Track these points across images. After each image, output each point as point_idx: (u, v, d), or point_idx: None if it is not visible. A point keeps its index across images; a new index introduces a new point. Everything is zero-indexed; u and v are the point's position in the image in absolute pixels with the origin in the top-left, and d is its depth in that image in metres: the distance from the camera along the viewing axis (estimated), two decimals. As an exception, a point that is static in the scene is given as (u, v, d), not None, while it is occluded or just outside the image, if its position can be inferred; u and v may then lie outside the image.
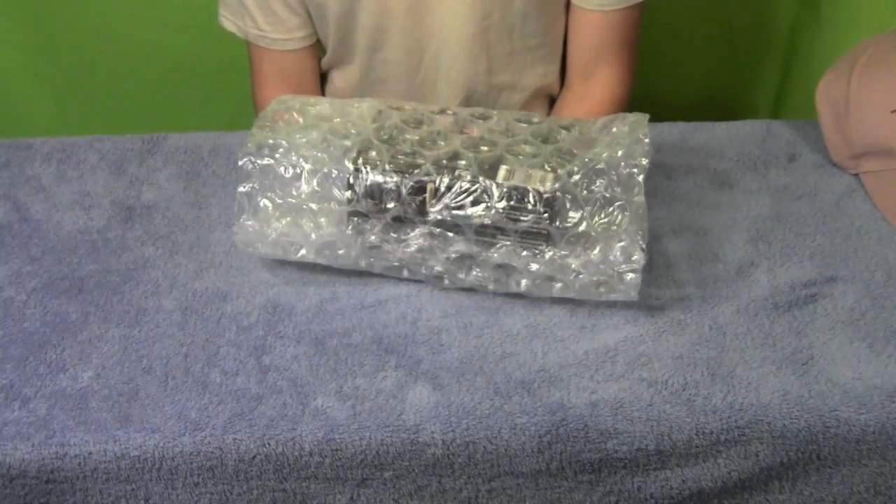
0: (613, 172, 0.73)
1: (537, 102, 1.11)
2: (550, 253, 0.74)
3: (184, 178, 0.93)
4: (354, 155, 0.76)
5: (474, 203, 0.73)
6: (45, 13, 1.42)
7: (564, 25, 1.05)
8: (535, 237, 0.74)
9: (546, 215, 0.73)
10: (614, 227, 0.73)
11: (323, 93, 1.12)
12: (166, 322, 0.77)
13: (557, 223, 0.73)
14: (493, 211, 0.73)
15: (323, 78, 1.12)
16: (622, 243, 0.73)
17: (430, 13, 0.99)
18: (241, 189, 0.78)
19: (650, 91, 1.31)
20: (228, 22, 1.05)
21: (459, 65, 1.03)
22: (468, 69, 1.03)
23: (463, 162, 0.75)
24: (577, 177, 0.73)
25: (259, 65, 1.08)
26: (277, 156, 0.77)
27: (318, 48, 1.08)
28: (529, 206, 0.72)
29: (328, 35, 1.03)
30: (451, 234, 0.75)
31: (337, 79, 1.10)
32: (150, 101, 1.53)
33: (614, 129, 0.78)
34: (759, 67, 1.53)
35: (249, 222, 0.78)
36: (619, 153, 0.74)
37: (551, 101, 1.13)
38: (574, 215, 0.73)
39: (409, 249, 0.76)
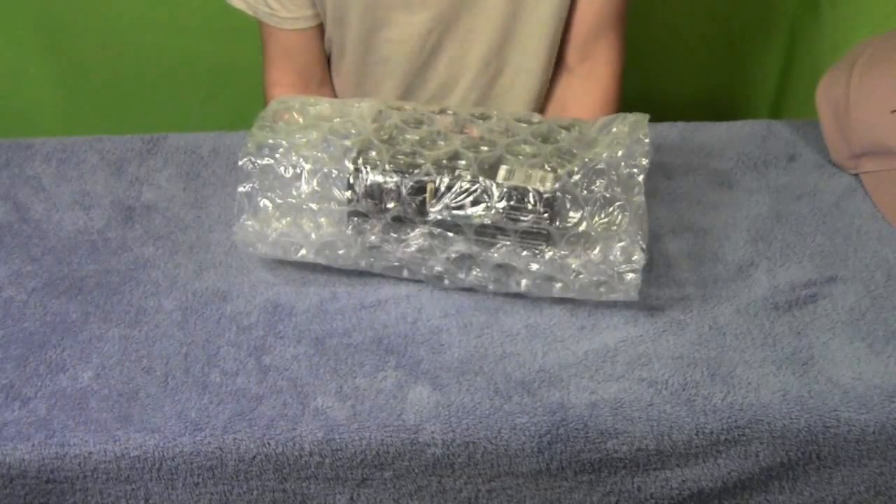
0: (613, 172, 0.73)
1: (541, 88, 1.10)
2: (550, 253, 0.74)
3: (184, 178, 0.93)
4: (354, 155, 0.76)
5: (474, 203, 0.73)
6: (45, 13, 1.42)
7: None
8: (535, 237, 0.74)
9: (546, 215, 0.73)
10: (614, 227, 0.73)
11: (330, 76, 1.12)
12: (166, 322, 0.77)
13: (557, 223, 0.73)
14: (493, 211, 0.73)
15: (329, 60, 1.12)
16: (622, 243, 0.73)
17: None
18: (241, 189, 0.78)
19: (650, 91, 1.31)
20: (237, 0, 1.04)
21: (479, 38, 1.02)
22: (488, 43, 1.02)
23: (463, 162, 0.75)
24: (577, 177, 0.73)
25: (267, 44, 1.07)
26: (277, 156, 0.77)
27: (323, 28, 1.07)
28: (529, 206, 0.72)
29: (325, 11, 1.02)
30: (451, 234, 0.75)
31: (337, 61, 1.09)
32: (150, 101, 1.53)
33: (614, 129, 0.78)
34: (759, 67, 1.53)
35: (249, 222, 0.78)
36: (619, 153, 0.74)
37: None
38: (574, 215, 0.73)
39: (409, 249, 0.76)
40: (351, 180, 0.75)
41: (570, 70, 1.07)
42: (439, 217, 0.74)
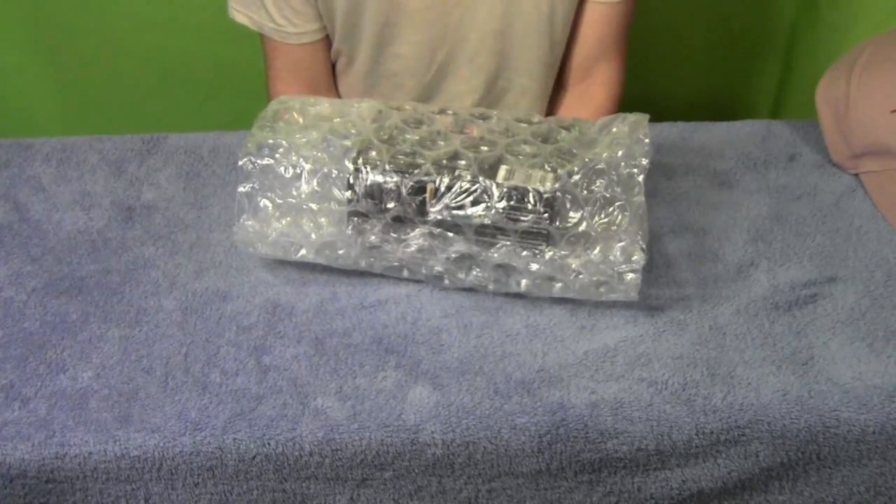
0: (613, 172, 0.73)
1: (542, 109, 1.10)
2: (550, 253, 0.74)
3: (184, 178, 0.93)
4: (354, 155, 0.76)
5: (474, 203, 0.73)
6: (45, 13, 1.42)
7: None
8: (535, 237, 0.74)
9: (546, 215, 0.73)
10: (614, 227, 0.73)
11: (336, 86, 1.12)
12: (166, 322, 0.77)
13: (557, 223, 0.73)
14: (493, 211, 0.73)
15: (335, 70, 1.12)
16: (622, 243, 0.73)
17: (454, 8, 0.98)
18: (241, 189, 0.78)
19: (650, 91, 1.31)
20: (240, 15, 1.03)
21: (480, 61, 1.03)
22: (488, 66, 1.03)
23: (463, 162, 0.75)
24: (577, 177, 0.73)
25: (272, 59, 1.06)
26: (277, 156, 0.77)
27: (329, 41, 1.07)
28: (529, 206, 0.72)
29: (334, 26, 1.02)
30: (451, 234, 0.75)
31: (343, 72, 1.09)
32: (150, 101, 1.53)
33: (614, 129, 0.78)
34: (759, 67, 1.54)
35: (249, 222, 0.78)
36: (619, 153, 0.74)
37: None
38: (574, 215, 0.73)
39: (409, 249, 0.76)
40: (351, 180, 0.75)
41: (567, 89, 1.08)
42: (439, 217, 0.74)
